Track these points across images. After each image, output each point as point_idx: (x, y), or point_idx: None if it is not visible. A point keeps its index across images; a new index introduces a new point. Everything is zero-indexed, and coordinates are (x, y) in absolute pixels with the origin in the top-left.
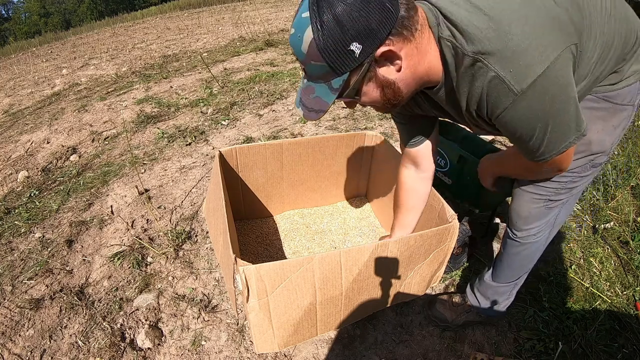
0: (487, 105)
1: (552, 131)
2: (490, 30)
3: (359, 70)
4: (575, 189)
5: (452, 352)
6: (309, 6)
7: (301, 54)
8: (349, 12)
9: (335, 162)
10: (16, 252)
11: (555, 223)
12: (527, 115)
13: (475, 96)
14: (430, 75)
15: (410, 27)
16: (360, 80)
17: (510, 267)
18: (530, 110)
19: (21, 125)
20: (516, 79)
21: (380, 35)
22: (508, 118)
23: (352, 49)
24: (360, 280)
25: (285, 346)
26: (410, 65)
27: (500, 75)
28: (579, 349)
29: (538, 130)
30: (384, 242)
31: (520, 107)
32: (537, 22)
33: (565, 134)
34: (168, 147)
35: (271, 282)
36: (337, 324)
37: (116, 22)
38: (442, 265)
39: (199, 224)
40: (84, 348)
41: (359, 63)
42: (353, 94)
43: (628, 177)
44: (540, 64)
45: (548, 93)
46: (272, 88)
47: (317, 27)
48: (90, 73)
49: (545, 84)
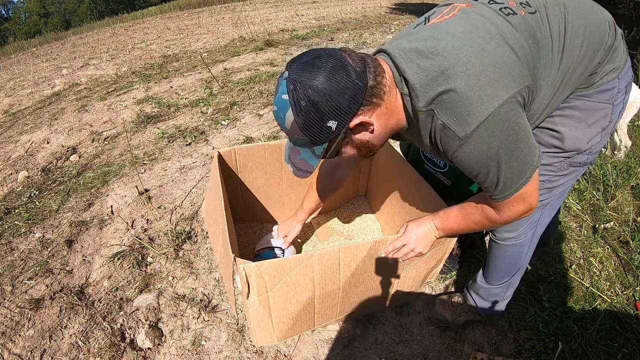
0: (442, 146)
1: (507, 168)
2: (437, 85)
3: (337, 139)
4: (555, 189)
5: (452, 352)
6: (287, 90)
7: (285, 129)
8: (322, 96)
9: None
10: (16, 252)
11: (539, 224)
12: (477, 156)
13: (432, 139)
14: (399, 124)
15: (379, 94)
16: (339, 145)
17: (498, 269)
18: (479, 151)
19: (21, 125)
20: (460, 125)
21: (352, 110)
22: (459, 159)
23: (329, 125)
24: (358, 275)
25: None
26: (382, 124)
27: (445, 124)
28: (579, 348)
29: (492, 169)
30: (382, 239)
31: (467, 150)
32: (484, 71)
33: (523, 168)
34: (168, 147)
35: (271, 279)
36: (334, 316)
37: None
38: (439, 263)
39: (199, 224)
40: (84, 348)
41: (336, 134)
42: (334, 155)
43: (628, 177)
44: (483, 111)
45: (495, 135)
46: (272, 88)
47: (296, 110)
48: (90, 73)
49: (490, 127)
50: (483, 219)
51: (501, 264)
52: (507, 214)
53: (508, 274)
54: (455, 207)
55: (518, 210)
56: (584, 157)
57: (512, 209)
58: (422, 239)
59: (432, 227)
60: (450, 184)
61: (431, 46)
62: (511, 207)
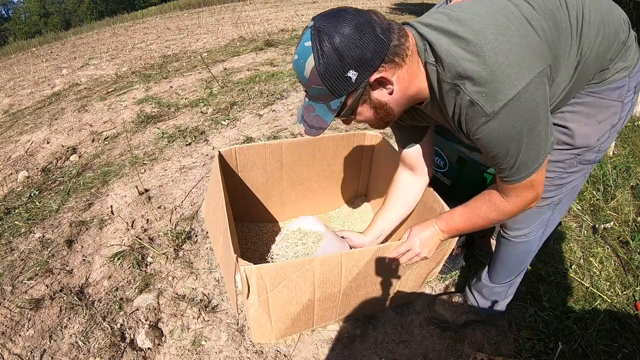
0: (465, 123)
1: (526, 150)
2: (465, 60)
3: (355, 94)
4: (565, 186)
5: (452, 352)
6: (311, 36)
7: (304, 78)
8: (346, 43)
9: (335, 162)
10: (16, 252)
11: (549, 223)
12: (500, 135)
13: (456, 115)
14: (420, 94)
15: (402, 54)
16: (356, 102)
17: (505, 267)
18: (503, 129)
19: (21, 125)
20: (488, 102)
21: (374, 64)
22: (482, 136)
23: (349, 76)
24: (359, 279)
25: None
26: (402, 88)
27: (473, 99)
28: (579, 348)
29: (512, 149)
30: (385, 245)
31: (492, 127)
32: (511, 50)
33: (538, 152)
34: (168, 147)
35: (271, 281)
36: (334, 317)
37: (116, 22)
38: (439, 263)
39: (199, 224)
40: (84, 348)
41: (355, 87)
42: (349, 114)
43: (628, 177)
44: (512, 89)
45: (520, 115)
46: (272, 88)
47: (318, 56)
48: (90, 73)
49: (516, 106)
50: (490, 211)
51: (509, 261)
52: (515, 202)
53: (514, 273)
54: (460, 207)
55: (526, 198)
56: (593, 154)
57: (520, 196)
58: (427, 243)
59: (436, 230)
60: (450, 184)
61: (457, 23)
62: (520, 193)
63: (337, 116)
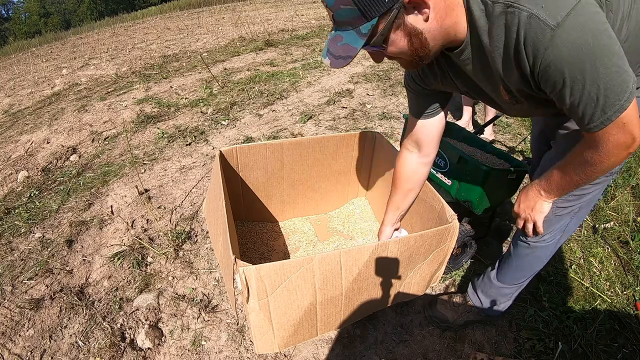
0: (526, 52)
1: (607, 75)
2: None
3: (387, 16)
4: (586, 196)
5: (452, 352)
6: None
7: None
8: None
9: (336, 162)
10: (16, 252)
11: (566, 230)
12: (571, 52)
13: (512, 46)
14: (457, 31)
15: None
16: (389, 27)
17: (518, 269)
18: (573, 45)
19: (21, 125)
20: (550, 12)
21: None
22: (552, 58)
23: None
24: (361, 281)
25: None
26: (438, 17)
27: (533, 13)
28: (579, 348)
29: (589, 73)
30: (384, 243)
31: (560, 43)
32: None
33: (622, 77)
34: (168, 147)
35: (271, 283)
36: (338, 324)
37: (116, 22)
38: (441, 265)
39: (199, 224)
40: (84, 348)
41: (388, 8)
42: (380, 42)
43: (628, 177)
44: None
45: (587, 26)
46: (272, 88)
47: None
48: (90, 73)
49: (582, 15)
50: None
51: (524, 264)
52: (607, 147)
53: (525, 275)
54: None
55: (619, 140)
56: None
57: (612, 139)
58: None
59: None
60: (451, 184)
61: None
62: (611, 136)
63: (367, 44)
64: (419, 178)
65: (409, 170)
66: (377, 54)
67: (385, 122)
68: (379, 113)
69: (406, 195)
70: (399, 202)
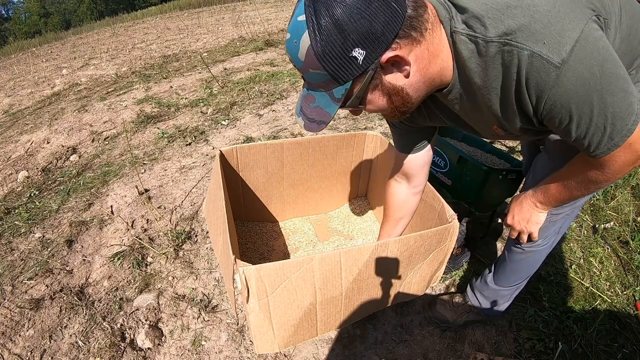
0: (529, 93)
1: (614, 103)
2: (510, 8)
3: (363, 78)
4: (580, 201)
5: (452, 352)
6: (305, 8)
7: (299, 62)
8: (349, 14)
9: (336, 162)
10: (16, 252)
11: (561, 230)
12: (578, 89)
13: (512, 87)
14: (443, 75)
15: (420, 28)
16: (365, 88)
17: (514, 272)
18: (580, 80)
19: (21, 125)
20: (553, 49)
21: (386, 39)
22: (557, 97)
23: (355, 55)
24: (361, 280)
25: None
26: (421, 69)
27: (535, 52)
28: (579, 348)
29: (597, 105)
30: (383, 242)
31: (567, 81)
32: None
33: (629, 102)
34: (168, 147)
35: (271, 283)
36: (338, 324)
37: (116, 22)
38: (441, 265)
39: (199, 224)
40: (84, 348)
41: (363, 70)
42: (357, 103)
43: (628, 177)
44: (574, 29)
45: (592, 57)
46: (272, 88)
47: (315, 32)
48: (90, 73)
49: (587, 47)
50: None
51: (520, 267)
52: (614, 167)
53: (522, 277)
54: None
55: (626, 160)
56: None
57: (619, 160)
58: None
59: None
60: (451, 184)
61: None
62: (618, 158)
63: (343, 107)
64: (410, 207)
65: (398, 201)
66: (354, 110)
67: (385, 122)
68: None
69: (397, 224)
70: (390, 231)
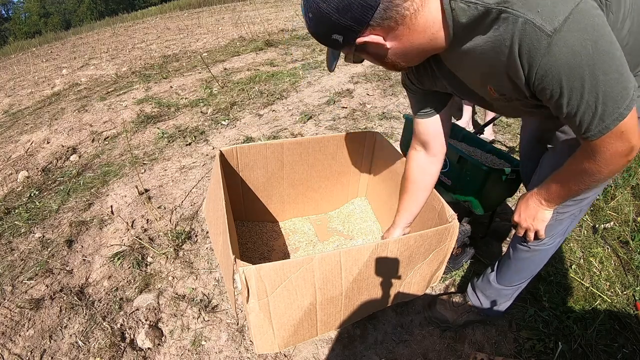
0: (521, 61)
1: (606, 82)
2: None
3: (351, 49)
4: (585, 200)
5: (452, 352)
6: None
7: None
8: (322, 12)
9: (336, 162)
10: (16, 252)
11: (567, 231)
12: (569, 60)
13: (505, 54)
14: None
15: (394, 16)
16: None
17: (518, 272)
18: (571, 52)
19: (21, 125)
20: (546, 17)
21: (355, 29)
22: (548, 67)
23: (335, 38)
24: (360, 280)
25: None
26: (403, 43)
27: (528, 19)
28: (579, 348)
29: (588, 81)
30: (383, 242)
31: (558, 50)
32: None
33: (623, 85)
34: (168, 147)
35: (271, 283)
36: (338, 324)
37: (116, 22)
38: (441, 265)
39: (199, 224)
40: (84, 348)
41: (345, 47)
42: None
43: (628, 177)
44: (570, 1)
45: (586, 31)
46: (272, 88)
47: (307, 19)
48: (90, 73)
49: (581, 20)
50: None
51: (524, 267)
52: (605, 155)
53: (525, 277)
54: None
55: (617, 149)
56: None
57: (610, 147)
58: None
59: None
60: (451, 184)
61: None
62: (609, 145)
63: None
64: (429, 177)
65: (417, 168)
66: None
67: (385, 122)
68: (379, 113)
69: (416, 196)
70: (409, 203)
